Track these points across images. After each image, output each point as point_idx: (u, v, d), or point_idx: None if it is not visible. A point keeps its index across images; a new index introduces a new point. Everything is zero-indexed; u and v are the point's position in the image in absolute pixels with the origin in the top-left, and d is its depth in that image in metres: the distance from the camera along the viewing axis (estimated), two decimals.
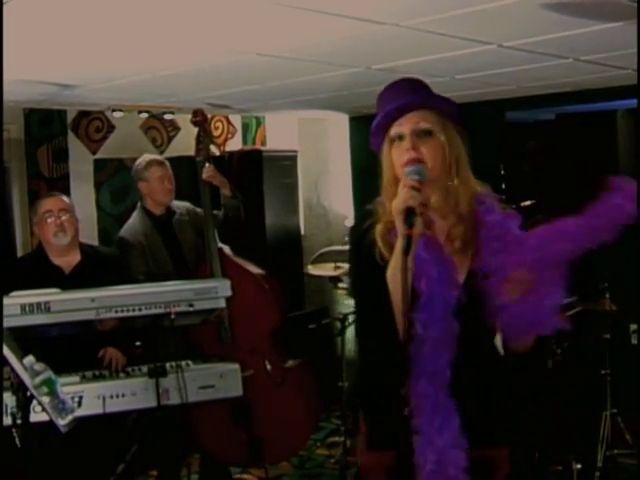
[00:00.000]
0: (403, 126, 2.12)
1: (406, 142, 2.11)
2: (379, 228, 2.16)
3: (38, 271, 3.94)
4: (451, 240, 2.18)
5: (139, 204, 4.61)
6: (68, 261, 4.03)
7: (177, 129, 6.26)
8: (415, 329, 2.05)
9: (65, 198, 4.14)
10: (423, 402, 2.09)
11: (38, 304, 3.22)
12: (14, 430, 2.82)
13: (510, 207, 2.22)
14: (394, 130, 2.14)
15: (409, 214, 1.96)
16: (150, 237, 4.47)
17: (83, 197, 5.68)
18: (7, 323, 2.68)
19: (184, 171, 5.08)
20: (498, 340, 2.22)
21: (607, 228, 2.08)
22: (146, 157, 4.65)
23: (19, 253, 5.34)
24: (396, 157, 2.13)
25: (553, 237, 2.09)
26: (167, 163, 4.63)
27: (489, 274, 2.09)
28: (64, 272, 4.00)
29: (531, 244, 2.09)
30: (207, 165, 4.44)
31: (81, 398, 3.42)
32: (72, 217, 4.03)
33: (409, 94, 2.16)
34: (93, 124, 5.77)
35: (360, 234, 2.24)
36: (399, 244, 1.99)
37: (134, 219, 4.55)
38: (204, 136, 4.50)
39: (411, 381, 2.07)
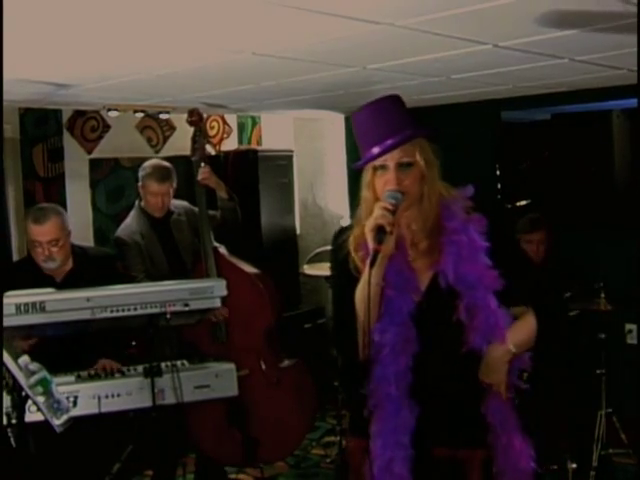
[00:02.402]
0: (387, 160, 2.26)
1: (390, 173, 2.26)
2: (352, 241, 2.36)
3: (30, 279, 3.82)
4: (415, 245, 2.36)
5: (137, 203, 4.60)
6: (60, 270, 3.97)
7: (173, 129, 6.25)
8: (373, 336, 2.24)
9: (53, 224, 3.85)
10: (382, 403, 2.30)
11: (33, 304, 3.22)
12: (9, 430, 2.81)
13: (503, 207, 2.33)
14: (379, 161, 2.28)
15: (379, 231, 2.16)
16: (147, 237, 4.46)
17: (79, 197, 5.67)
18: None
19: (180, 171, 5.07)
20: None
21: None
22: (152, 166, 4.53)
23: (15, 254, 5.33)
24: (379, 185, 2.29)
25: None
26: (172, 177, 4.52)
27: (447, 276, 2.27)
28: (55, 280, 3.96)
29: None
30: (203, 165, 4.43)
31: (76, 398, 3.42)
32: (61, 242, 3.86)
33: (394, 131, 2.26)
34: (88, 123, 5.76)
35: (336, 247, 2.45)
36: (368, 259, 2.19)
37: (131, 219, 4.54)
38: (200, 136, 4.50)
39: (373, 384, 2.29)
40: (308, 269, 5.70)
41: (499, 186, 5.79)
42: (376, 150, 2.26)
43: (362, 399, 2.31)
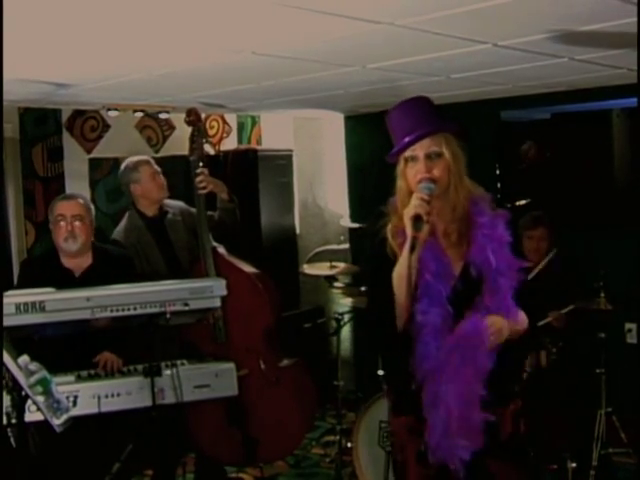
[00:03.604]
0: (417, 150, 2.49)
1: (420, 163, 2.48)
2: (390, 227, 2.55)
3: (48, 273, 3.91)
4: (447, 236, 2.57)
5: (131, 206, 4.61)
6: (79, 264, 4.00)
7: (172, 128, 6.25)
8: (415, 317, 2.45)
9: (81, 201, 4.05)
10: (431, 375, 2.47)
11: (33, 303, 3.21)
12: (9, 430, 2.81)
13: (503, 206, 2.67)
14: (409, 152, 2.50)
15: (417, 220, 2.36)
16: (142, 238, 4.46)
17: None
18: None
19: (179, 170, 5.07)
20: None
21: None
22: (132, 159, 4.65)
23: (14, 253, 5.33)
24: (410, 175, 2.51)
25: None
26: (152, 160, 4.66)
27: (479, 265, 2.51)
28: (74, 275, 3.99)
29: None
30: (201, 165, 4.42)
31: (76, 397, 3.42)
32: (85, 223, 3.97)
33: (422, 123, 2.50)
34: (88, 123, 5.76)
35: (373, 232, 2.63)
36: (407, 244, 2.38)
37: (126, 221, 4.55)
38: (198, 136, 4.49)
39: (417, 360, 2.47)
40: (308, 269, 5.69)
41: (499, 185, 5.79)
42: (406, 139, 2.48)
43: (406, 377, 2.49)
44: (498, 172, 5.84)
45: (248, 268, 4.46)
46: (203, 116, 5.08)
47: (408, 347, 2.47)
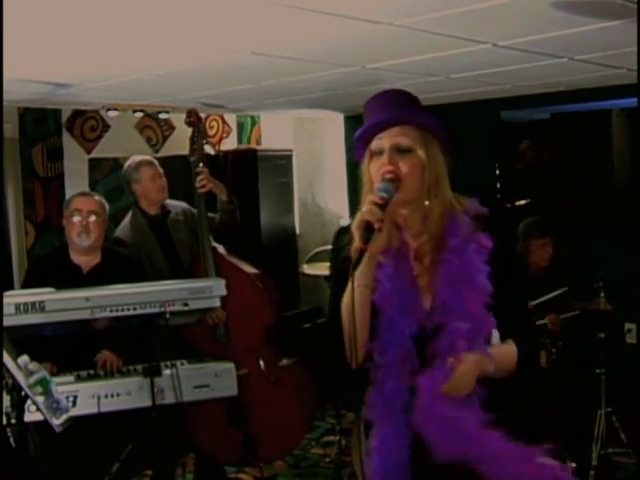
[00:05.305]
0: (383, 140, 2.10)
1: (384, 157, 2.08)
2: (354, 246, 2.07)
3: (57, 268, 3.97)
4: (420, 259, 2.16)
5: (133, 205, 4.62)
6: (88, 261, 4.05)
7: (172, 128, 6.25)
8: (373, 355, 2.10)
9: (97, 198, 4.14)
10: (379, 423, 2.16)
11: (33, 303, 3.21)
12: (8, 430, 2.81)
13: (502, 207, 2.23)
14: (375, 144, 2.12)
15: (366, 229, 1.96)
16: (145, 237, 4.47)
17: None
18: None
19: (179, 170, 5.07)
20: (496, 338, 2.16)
21: None
22: (135, 158, 4.67)
23: (14, 253, 5.33)
24: (374, 171, 2.11)
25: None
26: (156, 162, 4.66)
27: (442, 304, 2.09)
28: (82, 271, 4.03)
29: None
30: (201, 166, 4.42)
31: (76, 397, 3.42)
32: (99, 219, 4.04)
33: (392, 109, 2.13)
34: (88, 123, 5.75)
35: (337, 248, 2.26)
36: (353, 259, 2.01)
37: (128, 219, 4.56)
38: (198, 136, 4.49)
39: (371, 401, 2.16)
40: (307, 269, 5.70)
41: (498, 185, 5.79)
42: (367, 124, 2.13)
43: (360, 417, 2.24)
44: (498, 172, 5.85)
45: (248, 268, 4.46)
46: (203, 116, 5.08)
47: (364, 383, 2.15)
